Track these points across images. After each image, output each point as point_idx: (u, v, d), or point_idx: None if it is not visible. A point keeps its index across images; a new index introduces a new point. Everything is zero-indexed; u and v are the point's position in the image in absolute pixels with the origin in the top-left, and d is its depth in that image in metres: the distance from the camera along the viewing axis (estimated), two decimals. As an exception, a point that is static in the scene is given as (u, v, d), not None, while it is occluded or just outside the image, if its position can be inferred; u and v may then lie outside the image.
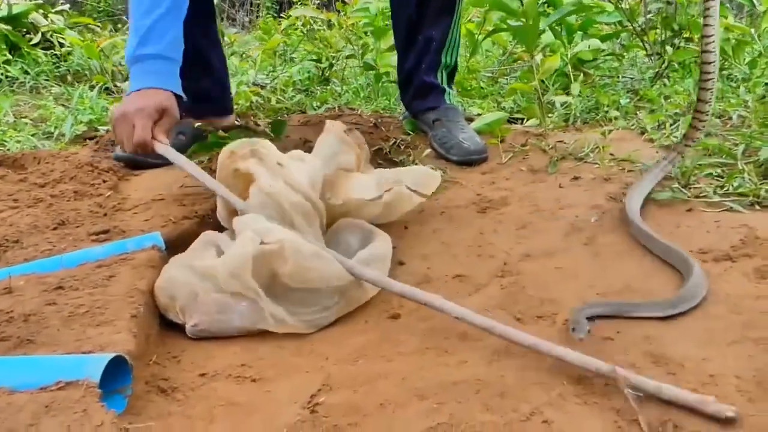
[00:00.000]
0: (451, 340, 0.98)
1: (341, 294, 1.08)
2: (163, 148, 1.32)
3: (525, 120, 2.19)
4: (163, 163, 1.79)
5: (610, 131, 1.89)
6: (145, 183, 1.63)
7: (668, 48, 2.56)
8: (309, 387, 0.89)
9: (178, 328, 1.07)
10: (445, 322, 1.03)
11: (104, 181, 1.54)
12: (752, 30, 2.59)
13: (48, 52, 3.13)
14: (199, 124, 1.81)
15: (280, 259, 1.04)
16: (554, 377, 0.86)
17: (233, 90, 2.63)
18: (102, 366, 0.78)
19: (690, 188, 1.42)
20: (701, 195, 1.38)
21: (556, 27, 2.56)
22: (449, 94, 1.94)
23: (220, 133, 1.81)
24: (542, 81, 2.36)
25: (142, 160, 1.70)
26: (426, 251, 1.31)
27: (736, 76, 2.46)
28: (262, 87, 2.76)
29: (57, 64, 3.09)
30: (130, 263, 1.14)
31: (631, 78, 2.61)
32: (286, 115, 2.34)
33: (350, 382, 0.89)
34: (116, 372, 0.86)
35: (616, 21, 2.70)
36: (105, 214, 1.42)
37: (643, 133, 1.89)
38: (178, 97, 1.39)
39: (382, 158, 1.82)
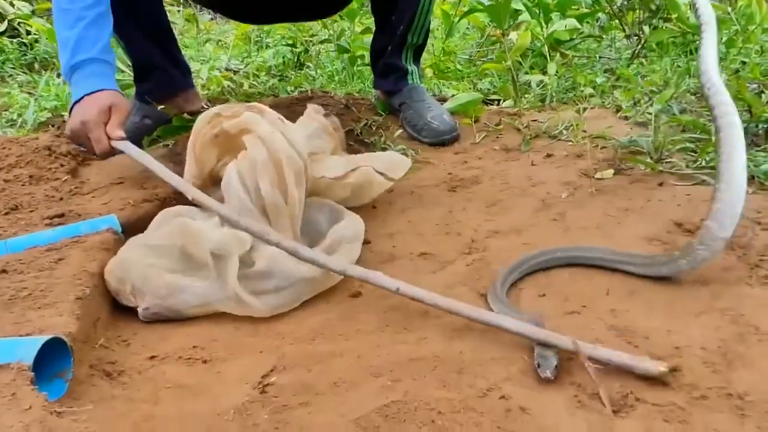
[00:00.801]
0: (411, 318, 0.95)
1: (307, 281, 1.04)
2: (122, 144, 1.31)
3: (501, 101, 2.16)
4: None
5: (585, 109, 1.85)
6: (105, 167, 1.57)
7: (645, 28, 2.54)
8: (261, 367, 0.85)
9: (132, 313, 1.03)
10: (406, 300, 1.00)
11: (62, 165, 1.49)
12: (729, 9, 2.57)
13: (14, 41, 3.05)
14: (163, 107, 1.76)
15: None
16: (514, 352, 0.83)
17: (204, 75, 2.58)
18: (35, 348, 0.74)
19: (662, 162, 1.39)
20: (674, 169, 1.36)
21: (534, 8, 2.52)
22: (413, 73, 1.90)
23: (185, 116, 1.76)
24: (519, 62, 2.33)
25: None
26: (392, 230, 1.28)
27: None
28: (235, 72, 2.71)
29: (24, 52, 3.01)
30: (82, 246, 1.09)
31: (609, 58, 2.59)
32: (257, 100, 2.29)
33: (304, 362, 0.86)
34: (58, 356, 0.81)
35: (594, 0, 2.67)
36: (61, 199, 1.36)
37: (618, 111, 1.86)
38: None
39: (353, 140, 1.78)
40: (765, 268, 0.96)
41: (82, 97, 1.33)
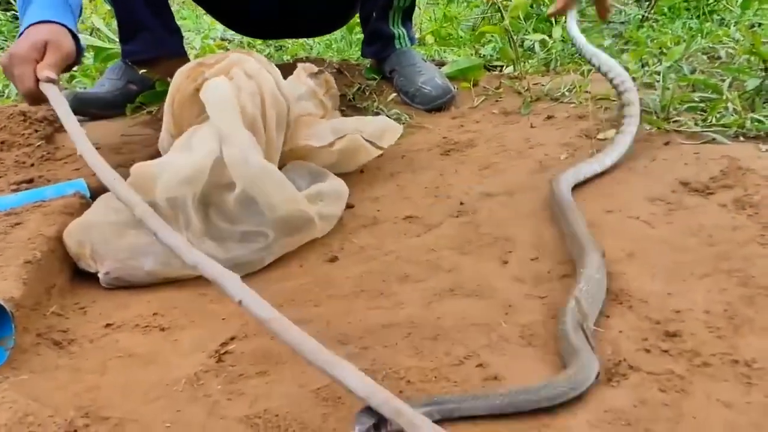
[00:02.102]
0: (389, 283, 0.87)
1: (283, 228, 0.97)
2: (46, 87, 1.09)
3: (504, 67, 2.06)
4: (109, 113, 1.67)
5: (590, 71, 1.75)
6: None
7: (657, -7, 2.42)
8: (221, 335, 0.78)
9: (94, 279, 0.96)
10: (385, 264, 0.93)
11: (36, 131, 1.42)
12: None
13: (7, 13, 3.00)
14: (145, 71, 1.68)
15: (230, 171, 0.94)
16: (497, 318, 0.75)
17: (198, 45, 2.50)
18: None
19: (669, 122, 1.30)
20: (681, 128, 1.26)
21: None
22: (401, 37, 1.80)
23: (169, 80, 1.67)
24: (521, 25, 2.23)
25: (86, 106, 1.58)
26: (378, 194, 1.20)
27: (727, 19, 2.31)
28: (230, 41, 2.62)
29: (16, 25, 2.94)
30: (42, 210, 1.02)
31: (619, 22, 2.47)
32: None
33: (268, 329, 0.78)
34: (1, 323, 0.75)
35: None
36: (32, 165, 1.30)
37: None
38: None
39: (345, 105, 1.70)
40: (779, 226, 0.87)
41: (25, 28, 1.15)
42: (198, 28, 3.00)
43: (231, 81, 1.03)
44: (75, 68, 1.54)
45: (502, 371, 0.65)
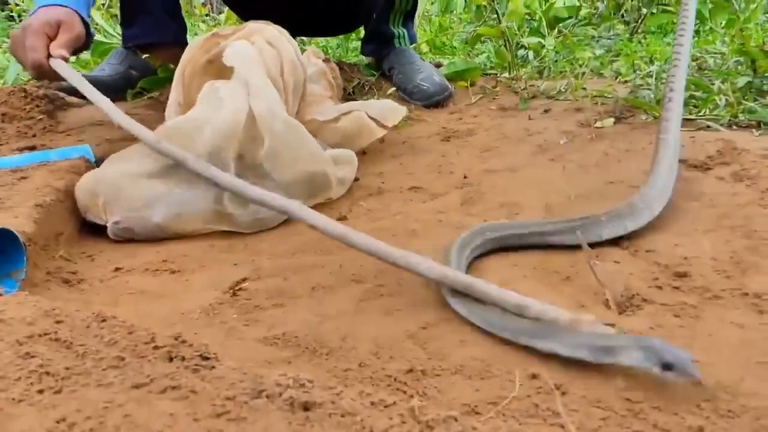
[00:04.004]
0: (398, 237, 0.88)
1: (304, 185, 0.98)
2: (57, 63, 1.12)
3: (499, 74, 2.11)
4: (110, 97, 1.67)
5: (584, 74, 1.80)
6: (86, 113, 1.51)
7: (644, 10, 2.51)
8: (233, 276, 0.78)
9: (101, 233, 0.95)
10: (394, 222, 0.94)
11: (37, 107, 1.42)
12: (729, -9, 2.53)
13: (1, 13, 3.01)
14: (147, 56, 1.69)
15: (261, 128, 0.94)
16: (524, 258, 0.77)
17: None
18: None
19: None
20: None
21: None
22: (401, 36, 1.84)
23: (171, 66, 1.69)
24: (515, 33, 2.29)
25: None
26: (383, 170, 1.21)
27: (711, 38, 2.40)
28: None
29: (11, 25, 2.95)
30: (48, 167, 1.02)
31: (608, 38, 2.55)
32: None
33: (281, 272, 0.79)
34: (11, 257, 0.75)
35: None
36: (34, 135, 1.30)
37: (617, 77, 1.81)
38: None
39: (345, 98, 1.72)
40: (777, 192, 0.90)
41: (39, 8, 1.18)
42: (194, 31, 3.03)
43: (252, 45, 1.05)
44: (84, 52, 1.54)
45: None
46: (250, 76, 0.97)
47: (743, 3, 2.64)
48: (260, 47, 1.05)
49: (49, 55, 1.14)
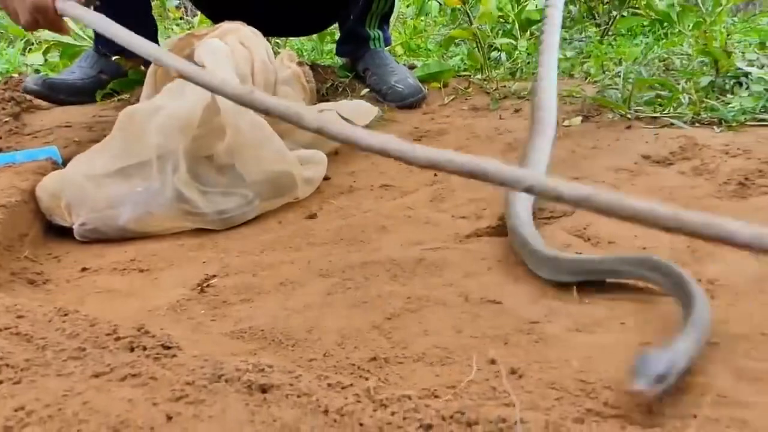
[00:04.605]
0: (367, 233, 0.89)
1: (268, 185, 0.98)
2: (67, 4, 1.00)
3: (471, 76, 2.13)
4: (79, 100, 1.66)
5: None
6: (53, 115, 1.49)
7: (614, 13, 2.57)
8: (202, 274, 0.78)
9: (66, 234, 0.95)
10: (364, 219, 0.95)
11: (3, 109, 1.41)
12: (696, -6, 2.60)
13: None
14: (117, 58, 1.68)
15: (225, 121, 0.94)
16: (476, 257, 0.78)
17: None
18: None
19: (630, 111, 1.37)
20: (642, 115, 1.34)
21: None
22: (376, 39, 1.86)
23: (143, 68, 1.68)
24: (487, 34, 2.32)
25: (56, 92, 1.56)
26: (354, 169, 1.22)
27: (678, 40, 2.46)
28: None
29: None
30: (14, 169, 1.01)
31: (579, 40, 2.59)
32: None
33: (250, 268, 0.79)
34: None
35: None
36: (0, 138, 1.28)
37: (587, 78, 1.85)
38: None
39: (318, 100, 1.73)
40: (733, 185, 0.93)
41: None
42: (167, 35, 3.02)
43: (225, 45, 1.05)
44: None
45: (490, 295, 0.68)
46: (220, 72, 0.98)
47: (710, 6, 2.71)
48: (233, 46, 1.05)
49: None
